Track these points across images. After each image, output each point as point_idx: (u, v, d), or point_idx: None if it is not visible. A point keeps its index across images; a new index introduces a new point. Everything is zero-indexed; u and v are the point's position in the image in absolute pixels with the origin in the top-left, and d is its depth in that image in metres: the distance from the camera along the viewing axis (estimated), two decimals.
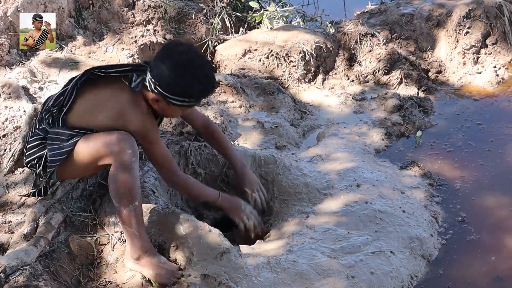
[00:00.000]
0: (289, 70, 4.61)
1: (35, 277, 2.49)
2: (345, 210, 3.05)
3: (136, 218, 2.59)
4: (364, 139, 3.85)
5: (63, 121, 2.67)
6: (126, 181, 2.54)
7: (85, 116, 2.66)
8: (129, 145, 2.54)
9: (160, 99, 2.61)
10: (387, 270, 2.72)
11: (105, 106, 2.65)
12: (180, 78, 2.57)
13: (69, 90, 2.67)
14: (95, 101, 2.67)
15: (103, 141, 2.55)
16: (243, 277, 2.58)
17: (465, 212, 3.22)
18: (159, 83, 2.57)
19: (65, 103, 2.66)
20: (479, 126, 4.01)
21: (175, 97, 2.60)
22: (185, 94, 2.61)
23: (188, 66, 2.58)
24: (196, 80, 2.59)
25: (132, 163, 2.54)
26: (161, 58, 2.61)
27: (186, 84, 2.58)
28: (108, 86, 2.68)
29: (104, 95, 2.68)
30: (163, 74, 2.57)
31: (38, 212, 2.84)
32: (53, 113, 2.69)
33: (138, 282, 2.65)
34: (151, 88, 2.60)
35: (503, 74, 4.59)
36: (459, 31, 4.77)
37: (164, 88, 2.58)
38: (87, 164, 2.64)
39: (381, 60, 4.60)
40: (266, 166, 3.32)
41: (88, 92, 2.68)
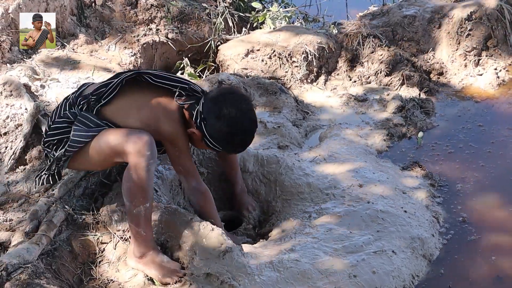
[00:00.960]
0: (292, 70, 4.61)
1: (37, 275, 2.49)
2: (347, 210, 3.06)
3: (145, 219, 2.59)
4: (366, 140, 3.86)
5: (97, 112, 2.68)
6: (141, 182, 2.54)
7: (120, 113, 2.67)
8: (149, 146, 2.53)
9: (198, 133, 2.68)
10: (388, 270, 2.73)
11: (142, 109, 2.67)
12: (227, 133, 2.66)
13: (113, 85, 2.66)
14: (134, 102, 2.69)
15: (124, 138, 2.55)
16: (246, 276, 2.59)
17: (466, 213, 3.23)
18: (206, 123, 2.64)
19: (105, 95, 2.67)
20: (480, 128, 4.02)
21: (214, 142, 2.69)
22: (224, 145, 2.72)
23: (238, 125, 2.67)
24: (238, 141, 2.73)
25: (149, 165, 2.53)
26: (219, 102, 2.67)
27: (229, 140, 2.70)
28: (151, 92, 2.70)
29: (145, 99, 2.70)
30: (213, 118, 2.64)
31: (40, 210, 2.84)
32: (90, 101, 2.68)
33: (140, 280, 2.66)
34: (195, 120, 2.66)
35: (504, 76, 4.60)
36: (461, 33, 4.78)
37: (208, 131, 2.65)
38: (104, 157, 2.64)
39: (383, 61, 4.61)
40: (268, 165, 3.33)
41: (131, 92, 2.70)
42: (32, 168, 3.14)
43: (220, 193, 3.32)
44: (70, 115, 2.69)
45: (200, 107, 2.65)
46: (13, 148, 3.19)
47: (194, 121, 2.67)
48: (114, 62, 4.35)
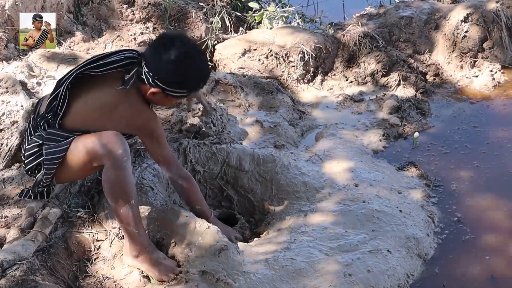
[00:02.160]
0: (288, 70, 4.62)
1: (32, 271, 2.48)
2: (342, 209, 3.07)
3: (133, 217, 2.58)
4: (362, 140, 3.87)
5: (59, 125, 2.64)
6: (119, 181, 2.52)
7: (83, 119, 2.63)
8: (119, 144, 2.51)
9: (158, 91, 2.61)
10: (383, 269, 2.74)
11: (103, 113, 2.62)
12: (179, 71, 2.57)
13: (61, 94, 2.60)
14: (90, 103, 2.64)
15: (94, 143, 2.53)
16: (241, 274, 2.59)
17: (461, 213, 3.24)
18: (157, 76, 2.57)
19: (59, 108, 2.61)
20: (475, 129, 4.04)
21: (175, 89, 2.61)
22: (185, 85, 2.63)
23: (186, 58, 2.58)
24: (194, 71, 2.62)
25: (123, 162, 2.51)
26: (157, 50, 2.60)
27: (184, 77, 2.60)
28: (100, 85, 2.64)
29: (98, 97, 2.64)
30: (161, 67, 2.57)
31: (36, 207, 2.83)
32: (48, 119, 2.65)
33: (136, 278, 2.65)
34: (148, 81, 2.59)
35: (499, 78, 4.62)
36: (457, 35, 4.80)
37: (162, 81, 2.58)
38: (83, 165, 2.60)
39: (380, 62, 4.62)
40: (264, 164, 3.33)
41: (81, 93, 2.63)
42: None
43: (216, 192, 3.32)
44: (37, 139, 2.66)
45: (144, 68, 2.59)
46: (8, 145, 3.17)
47: (147, 84, 2.60)
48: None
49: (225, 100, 4.09)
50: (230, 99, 4.11)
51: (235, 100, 4.12)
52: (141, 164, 3.14)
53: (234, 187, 3.32)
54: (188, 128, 3.51)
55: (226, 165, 3.32)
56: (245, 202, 3.32)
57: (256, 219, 3.26)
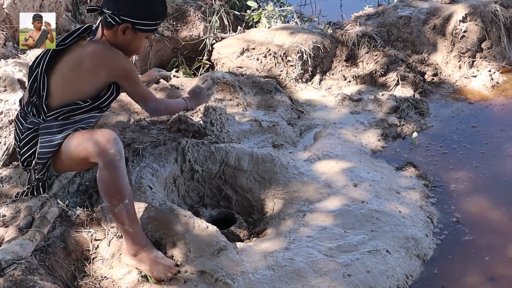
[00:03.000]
0: (287, 69, 4.62)
1: (31, 271, 2.47)
2: (341, 209, 3.06)
3: (128, 216, 2.57)
4: (360, 140, 3.86)
5: (46, 106, 2.66)
6: (112, 180, 2.52)
7: (66, 92, 2.66)
8: (112, 143, 2.51)
9: (127, 27, 2.66)
10: (383, 269, 2.73)
11: (79, 71, 2.65)
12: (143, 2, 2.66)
13: (39, 75, 2.66)
14: (67, 72, 2.67)
15: (87, 141, 2.54)
16: (240, 274, 2.58)
17: (460, 213, 3.24)
18: (123, 12, 2.62)
19: (41, 88, 2.65)
20: (474, 129, 4.04)
21: (141, 20, 2.66)
22: (149, 15, 2.68)
23: None
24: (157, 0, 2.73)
25: (117, 162, 2.51)
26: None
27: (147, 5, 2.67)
28: (71, 52, 2.69)
29: (73, 62, 2.67)
30: (124, 3, 2.63)
31: (34, 206, 2.82)
32: (34, 102, 2.68)
33: (134, 278, 2.64)
34: (115, 21, 2.64)
35: (497, 78, 4.63)
36: (455, 34, 4.80)
37: (129, 15, 2.63)
38: (78, 162, 2.64)
39: (378, 61, 4.62)
40: (263, 164, 3.33)
41: (57, 68, 2.67)
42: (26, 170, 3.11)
43: (214, 191, 3.32)
44: (29, 126, 2.69)
45: (107, 11, 2.64)
46: (6, 143, 3.17)
47: (115, 23, 2.65)
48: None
49: (224, 99, 4.08)
50: (229, 98, 4.10)
51: (233, 99, 4.11)
52: (140, 163, 3.13)
53: (233, 187, 3.31)
54: (187, 127, 3.49)
55: (224, 164, 3.32)
56: (243, 201, 3.31)
57: (255, 219, 3.26)
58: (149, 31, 2.75)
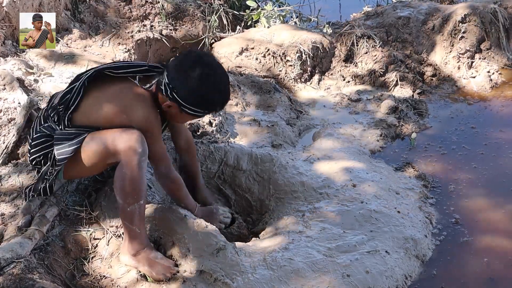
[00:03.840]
0: (286, 69, 4.62)
1: (30, 270, 2.47)
2: (340, 210, 3.06)
3: (139, 216, 2.57)
4: (359, 140, 3.87)
5: (69, 119, 2.63)
6: (133, 180, 2.50)
7: (90, 114, 2.63)
8: (139, 143, 2.50)
9: (174, 105, 2.61)
10: (382, 270, 2.73)
11: (110, 103, 2.62)
12: (201, 91, 2.57)
13: (76, 88, 2.62)
14: (100, 99, 2.64)
15: (112, 139, 2.51)
16: (239, 273, 2.58)
17: (459, 214, 3.24)
18: (177, 90, 2.57)
19: (72, 102, 2.62)
20: (473, 130, 4.04)
21: (192, 107, 2.61)
22: (202, 105, 2.63)
23: (208, 79, 2.58)
24: (217, 93, 2.63)
25: (142, 162, 2.50)
26: (182, 65, 2.60)
27: (206, 97, 2.60)
28: (115, 84, 2.65)
29: (110, 93, 2.64)
30: (182, 83, 2.57)
31: (33, 205, 2.81)
32: (59, 111, 2.65)
33: (133, 277, 2.64)
34: (166, 93, 2.59)
35: (496, 79, 4.63)
36: (454, 35, 4.80)
37: (181, 97, 2.57)
38: (95, 162, 2.60)
39: (377, 62, 4.63)
40: (262, 164, 3.33)
41: (95, 91, 2.64)
42: (25, 162, 3.11)
43: (213, 191, 3.31)
44: (45, 130, 2.66)
45: (165, 79, 2.59)
46: (5, 142, 3.16)
47: (165, 95, 2.60)
48: (108, 58, 4.33)
49: None
50: None
51: (232, 99, 4.11)
52: None
53: (232, 187, 3.31)
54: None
55: (223, 164, 3.31)
56: (242, 201, 3.31)
57: (254, 219, 3.26)
58: (197, 116, 2.70)
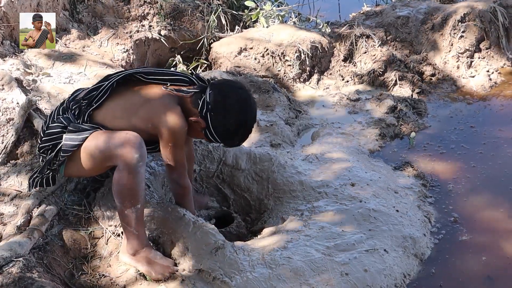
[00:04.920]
0: (285, 69, 4.62)
1: (29, 269, 2.47)
2: (339, 209, 3.06)
3: (137, 219, 2.57)
4: (358, 139, 3.87)
5: (89, 116, 2.64)
6: (131, 184, 2.50)
7: (112, 116, 2.63)
8: (137, 148, 2.48)
9: (201, 124, 2.64)
10: (380, 268, 2.73)
11: (137, 109, 2.63)
12: (231, 128, 2.65)
13: (104, 88, 2.63)
14: (127, 103, 2.65)
15: (111, 142, 2.51)
16: (238, 272, 2.58)
17: (458, 213, 3.24)
18: (213, 113, 2.61)
19: (96, 99, 2.63)
20: (472, 129, 4.05)
21: (216, 136, 2.66)
22: (224, 140, 2.71)
23: (243, 129, 2.69)
24: (241, 141, 2.75)
25: (138, 167, 2.49)
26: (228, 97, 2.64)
27: (231, 139, 2.71)
28: (144, 90, 2.66)
29: (138, 99, 2.65)
30: (221, 114, 2.61)
31: (32, 204, 2.82)
32: (82, 105, 2.65)
33: (132, 276, 2.64)
34: (201, 110, 2.62)
35: (496, 79, 4.63)
36: (454, 35, 4.80)
37: (212, 122, 2.62)
38: (95, 163, 2.59)
39: (376, 61, 4.63)
40: (261, 163, 3.33)
41: (122, 93, 2.66)
42: (23, 162, 3.11)
43: (212, 190, 3.31)
44: (63, 120, 2.65)
45: (207, 97, 2.61)
46: (4, 142, 3.16)
47: (199, 110, 2.63)
48: (106, 58, 4.33)
49: None
50: None
51: None
52: None
53: (231, 186, 3.31)
54: None
55: (222, 163, 3.32)
56: (241, 201, 3.31)
57: (253, 218, 3.26)
58: (212, 142, 2.76)
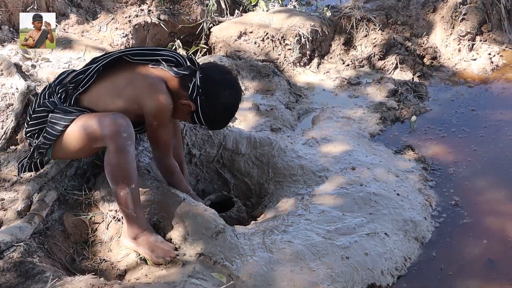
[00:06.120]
0: (285, 53, 4.60)
1: (30, 253, 2.48)
2: (340, 192, 3.06)
3: (133, 200, 2.57)
4: (359, 123, 3.86)
5: (76, 99, 2.64)
6: (121, 164, 2.51)
7: (98, 99, 2.63)
8: (124, 128, 2.49)
9: (189, 106, 2.63)
10: (381, 252, 2.73)
11: (122, 91, 2.62)
12: (219, 113, 2.68)
13: (91, 71, 2.63)
14: (114, 86, 2.64)
15: (98, 123, 2.51)
16: (238, 256, 2.58)
17: (458, 196, 3.24)
18: (203, 97, 2.61)
19: (83, 83, 2.63)
20: (473, 112, 4.03)
21: (202, 119, 2.67)
22: (209, 122, 2.71)
23: (231, 109, 2.71)
24: (225, 124, 2.81)
25: (127, 146, 2.50)
26: (219, 81, 2.65)
27: (217, 120, 2.73)
28: (129, 71, 2.65)
29: (123, 81, 2.64)
30: (211, 96, 2.62)
31: (32, 190, 2.82)
32: (68, 89, 2.65)
33: (133, 260, 2.65)
34: (191, 93, 2.62)
35: (497, 62, 4.60)
36: (455, 17, 4.77)
37: (202, 105, 2.62)
38: (82, 145, 2.59)
39: (377, 45, 4.60)
40: (261, 148, 3.32)
41: (109, 76, 2.65)
42: (23, 148, 3.11)
43: (212, 174, 3.31)
44: (49, 104, 2.65)
45: (198, 80, 2.61)
46: (4, 127, 3.15)
47: (188, 93, 2.62)
48: (105, 43, 4.31)
49: None
50: None
51: None
52: (137, 147, 3.11)
53: (231, 170, 3.31)
54: None
55: (222, 148, 3.31)
56: (241, 185, 3.31)
57: (253, 202, 3.26)
58: (196, 124, 2.78)
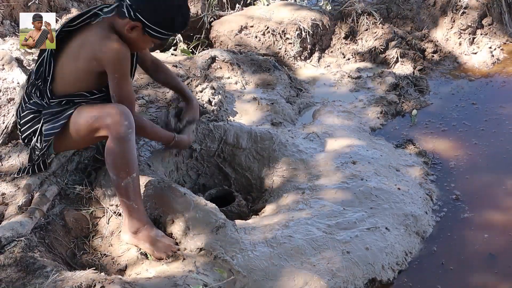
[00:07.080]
0: (285, 47, 4.59)
1: (31, 248, 2.48)
2: (340, 187, 3.06)
3: (134, 190, 2.57)
4: (359, 117, 3.85)
5: (50, 91, 2.64)
6: (123, 153, 2.52)
7: (69, 79, 2.62)
8: (124, 117, 2.50)
9: (137, 26, 2.55)
10: (382, 246, 2.73)
11: (79, 57, 2.58)
12: (166, 8, 2.53)
13: (46, 59, 2.62)
14: (70, 58, 2.61)
15: (98, 113, 2.53)
16: (239, 251, 2.58)
17: (459, 190, 3.24)
18: (140, 9, 2.51)
19: (47, 73, 2.62)
20: (474, 106, 4.03)
21: (155, 26, 2.55)
22: (166, 25, 2.58)
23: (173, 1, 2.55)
24: (180, 13, 2.59)
25: (128, 135, 2.51)
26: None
27: (170, 15, 2.55)
28: (79, 36, 2.60)
29: (76, 47, 2.60)
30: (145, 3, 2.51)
31: (33, 184, 2.82)
32: (39, 85, 2.65)
33: (134, 255, 2.65)
34: (129, 14, 2.52)
35: (498, 55, 4.60)
36: (456, 11, 4.76)
37: (145, 15, 2.52)
38: (83, 136, 2.62)
39: (378, 39, 4.59)
40: (262, 142, 3.32)
41: (64, 52, 2.62)
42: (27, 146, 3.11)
43: (212, 169, 3.31)
44: (32, 106, 2.68)
45: (127, 1, 2.52)
46: (5, 122, 3.15)
47: (128, 17, 2.52)
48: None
49: (222, 77, 4.06)
50: (227, 76, 4.08)
51: (231, 77, 4.09)
52: (138, 141, 3.11)
53: (231, 165, 3.31)
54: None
55: (223, 142, 3.31)
56: (242, 180, 3.31)
57: (254, 197, 3.26)
58: (159, 38, 2.63)
